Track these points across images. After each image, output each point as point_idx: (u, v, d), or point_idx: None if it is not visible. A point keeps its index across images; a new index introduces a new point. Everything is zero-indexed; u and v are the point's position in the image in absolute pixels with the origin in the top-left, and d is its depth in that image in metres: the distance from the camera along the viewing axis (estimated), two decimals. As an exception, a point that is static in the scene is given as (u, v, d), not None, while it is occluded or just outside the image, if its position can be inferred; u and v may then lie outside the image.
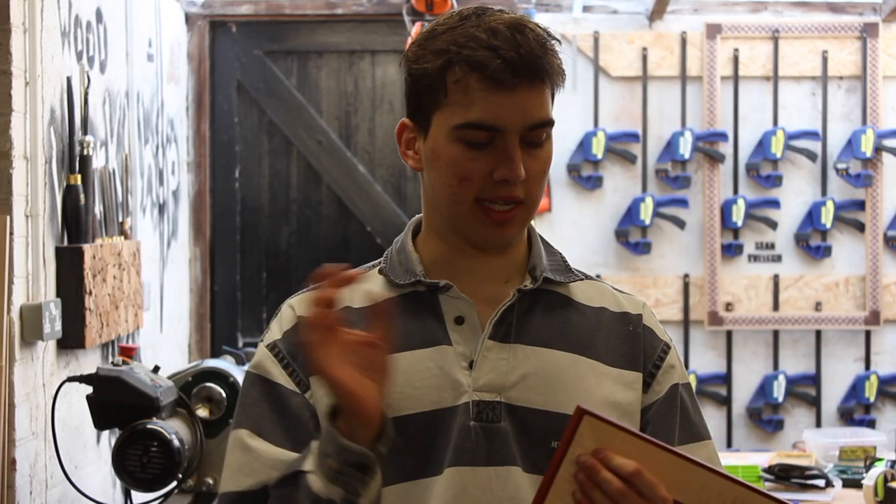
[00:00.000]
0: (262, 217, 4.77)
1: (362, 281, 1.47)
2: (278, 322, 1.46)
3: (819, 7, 4.67)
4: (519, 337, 1.42)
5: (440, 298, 1.43)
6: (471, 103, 1.36)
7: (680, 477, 1.22)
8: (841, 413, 4.60)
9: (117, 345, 3.27)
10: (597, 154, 4.56)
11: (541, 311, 1.44)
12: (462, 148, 1.37)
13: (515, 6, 4.63)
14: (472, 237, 1.42)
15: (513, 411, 1.38)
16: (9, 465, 2.63)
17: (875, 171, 4.56)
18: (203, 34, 4.68)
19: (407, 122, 1.45)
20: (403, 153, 1.46)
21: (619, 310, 1.49)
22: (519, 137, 1.37)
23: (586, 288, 1.49)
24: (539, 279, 1.45)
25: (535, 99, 1.37)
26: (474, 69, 1.35)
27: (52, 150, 2.93)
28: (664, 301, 4.60)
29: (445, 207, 1.42)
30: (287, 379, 1.41)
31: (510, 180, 1.36)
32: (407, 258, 1.46)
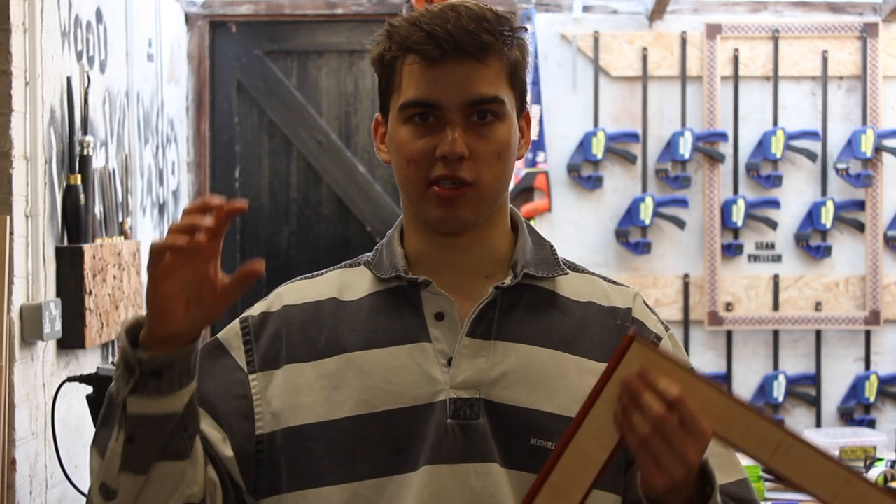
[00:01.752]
0: (262, 217, 4.77)
1: (353, 275, 1.48)
2: (264, 302, 1.48)
3: (819, 7, 4.67)
4: (500, 334, 1.41)
5: (422, 294, 1.42)
6: (408, 82, 1.38)
7: (724, 414, 1.22)
8: (841, 413, 4.60)
9: (117, 345, 3.27)
10: (597, 154, 4.56)
11: (523, 307, 1.43)
12: (408, 129, 1.39)
13: (516, 6, 4.63)
14: (427, 220, 1.42)
15: (492, 408, 1.38)
16: (9, 465, 2.63)
17: (875, 171, 4.56)
18: (203, 34, 4.68)
19: (379, 117, 1.47)
20: (378, 148, 1.48)
21: (607, 304, 1.47)
22: (461, 115, 1.37)
23: (574, 282, 1.48)
24: (519, 275, 1.43)
25: (472, 75, 1.37)
26: (409, 50, 1.37)
27: (52, 150, 2.93)
28: (664, 301, 4.60)
29: (404, 194, 1.43)
30: (241, 355, 1.43)
31: (448, 157, 1.36)
32: (392, 253, 1.46)
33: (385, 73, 1.41)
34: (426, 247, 1.45)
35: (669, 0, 4.49)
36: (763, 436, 1.22)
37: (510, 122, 1.41)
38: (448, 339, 1.40)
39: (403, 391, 1.38)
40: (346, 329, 1.42)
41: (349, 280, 1.47)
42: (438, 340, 1.40)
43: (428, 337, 1.40)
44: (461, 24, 1.35)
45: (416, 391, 1.38)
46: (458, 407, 1.37)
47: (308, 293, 1.47)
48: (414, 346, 1.40)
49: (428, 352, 1.39)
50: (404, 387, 1.38)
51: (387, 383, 1.38)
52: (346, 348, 1.41)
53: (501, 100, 1.39)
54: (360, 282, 1.47)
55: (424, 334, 1.40)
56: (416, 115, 1.38)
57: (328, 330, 1.42)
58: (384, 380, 1.38)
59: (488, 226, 1.45)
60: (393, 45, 1.40)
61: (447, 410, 1.37)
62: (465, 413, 1.37)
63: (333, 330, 1.42)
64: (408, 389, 1.38)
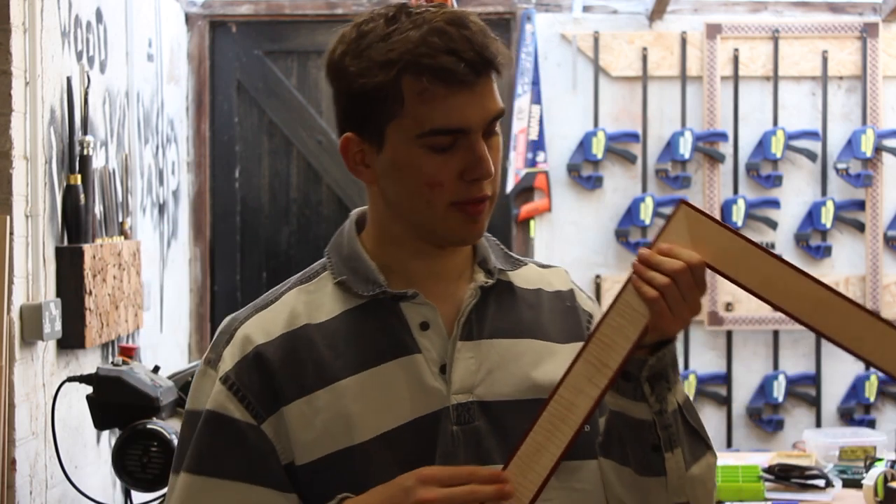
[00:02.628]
0: (262, 217, 4.77)
1: (314, 293, 1.43)
2: (231, 351, 1.39)
3: (819, 7, 4.67)
4: (480, 333, 1.41)
5: (402, 306, 1.40)
6: (433, 109, 1.32)
7: (765, 272, 1.30)
8: (841, 413, 4.60)
9: (117, 345, 3.27)
10: (597, 154, 4.56)
11: (493, 303, 1.44)
12: (427, 154, 1.34)
13: (515, 6, 4.63)
14: (448, 238, 1.40)
15: (486, 408, 1.38)
16: (9, 465, 2.63)
17: (875, 171, 4.56)
18: (203, 34, 4.68)
19: (352, 137, 1.39)
20: (353, 168, 1.40)
21: (551, 289, 1.51)
22: (481, 132, 1.35)
23: (522, 273, 1.50)
24: (494, 272, 1.45)
25: (490, 92, 1.35)
26: (434, 75, 1.31)
27: (52, 150, 2.93)
28: (664, 301, 4.59)
29: (416, 215, 1.38)
30: (244, 412, 1.36)
31: (482, 178, 1.35)
32: (364, 267, 1.42)
33: (385, 96, 1.33)
34: (406, 258, 1.42)
35: (669, 0, 4.49)
36: (802, 292, 1.29)
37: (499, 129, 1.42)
38: (437, 346, 1.39)
39: (405, 406, 1.36)
40: (331, 355, 1.38)
41: (312, 299, 1.43)
42: (428, 349, 1.39)
43: (417, 347, 1.39)
44: (483, 43, 1.33)
45: (418, 404, 1.37)
46: (460, 413, 1.37)
47: (276, 326, 1.40)
48: (405, 360, 1.38)
49: (420, 362, 1.38)
50: (405, 402, 1.36)
51: (388, 401, 1.36)
52: (335, 376, 1.36)
53: (504, 109, 1.40)
54: (324, 300, 1.42)
55: (413, 345, 1.39)
56: (441, 141, 1.33)
57: (312, 361, 1.37)
58: (384, 398, 1.36)
59: None
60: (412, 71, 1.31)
61: (451, 417, 1.37)
62: (465, 418, 1.37)
63: (318, 360, 1.37)
64: (409, 404, 1.36)
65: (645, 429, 1.37)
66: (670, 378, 1.36)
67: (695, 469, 1.40)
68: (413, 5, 1.38)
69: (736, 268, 1.31)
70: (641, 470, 1.39)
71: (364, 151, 1.39)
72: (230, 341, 1.40)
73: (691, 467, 1.39)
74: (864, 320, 1.27)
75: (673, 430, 1.37)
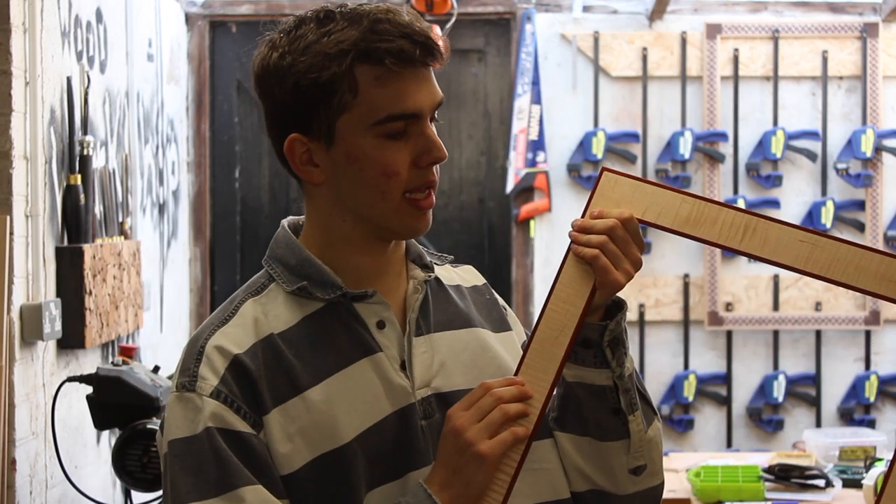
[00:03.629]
0: (262, 217, 4.77)
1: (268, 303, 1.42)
2: (208, 366, 1.35)
3: (819, 7, 4.67)
4: (428, 327, 1.44)
5: (357, 306, 1.40)
6: (389, 95, 1.33)
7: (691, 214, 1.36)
8: (841, 413, 4.60)
9: (117, 345, 3.27)
10: (597, 154, 4.56)
11: (431, 297, 1.47)
12: (383, 142, 1.34)
13: (515, 6, 4.63)
14: (400, 231, 1.41)
15: (444, 400, 1.40)
16: (9, 465, 2.63)
17: (875, 171, 4.56)
18: (203, 34, 4.69)
19: (297, 137, 1.37)
20: (300, 169, 1.39)
21: (469, 284, 1.55)
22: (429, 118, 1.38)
23: (441, 271, 1.53)
24: (431, 267, 1.48)
25: (432, 78, 1.38)
26: (397, 57, 1.32)
27: (52, 150, 2.93)
28: (664, 301, 4.60)
29: (370, 208, 1.38)
30: (244, 423, 1.33)
31: (437, 162, 1.37)
32: (318, 272, 1.40)
33: (335, 89, 1.33)
34: (355, 255, 1.42)
35: (669, 0, 4.49)
36: (730, 224, 1.35)
37: None
38: (395, 343, 1.41)
39: (375, 405, 1.37)
40: (299, 363, 1.37)
41: (269, 310, 1.41)
42: (388, 347, 1.40)
43: (378, 346, 1.39)
44: (425, 30, 1.35)
45: (386, 401, 1.37)
46: (425, 408, 1.39)
47: (244, 336, 1.38)
48: (368, 360, 1.38)
49: (382, 360, 1.39)
50: (374, 401, 1.37)
51: (358, 402, 1.37)
52: (305, 385, 1.36)
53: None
54: (279, 310, 1.41)
55: (374, 344, 1.39)
56: (395, 127, 1.34)
57: (283, 370, 1.36)
58: (354, 400, 1.36)
59: None
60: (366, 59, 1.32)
61: (419, 412, 1.38)
62: (428, 412, 1.39)
63: (288, 369, 1.36)
64: (378, 402, 1.37)
65: (606, 394, 1.41)
66: (625, 343, 1.42)
67: (651, 432, 1.45)
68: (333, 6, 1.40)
69: (662, 215, 1.37)
70: (603, 435, 1.43)
71: (311, 150, 1.38)
72: (201, 359, 1.37)
73: (648, 430, 1.44)
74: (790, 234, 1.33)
75: (632, 394, 1.42)
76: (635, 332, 4.59)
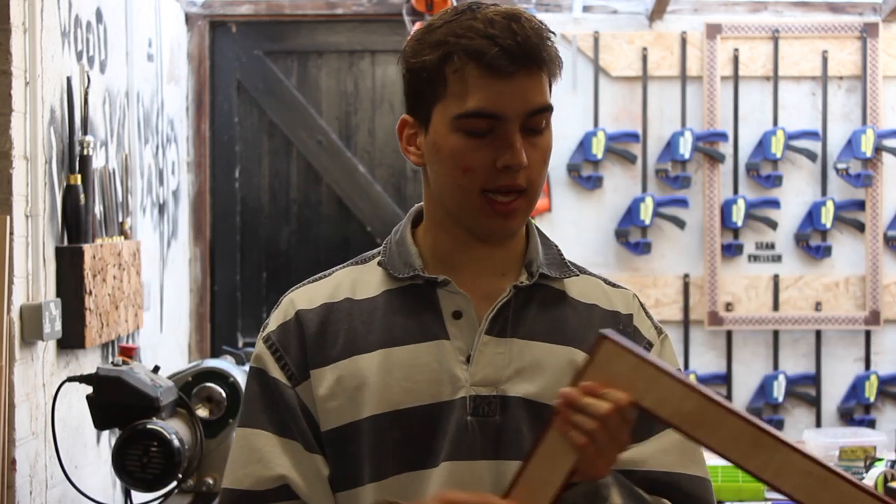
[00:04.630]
0: (262, 217, 4.77)
1: (363, 272, 1.49)
2: (276, 314, 1.49)
3: (819, 7, 4.67)
4: (515, 331, 1.43)
5: (438, 293, 1.44)
6: (469, 93, 1.37)
7: (690, 408, 1.22)
8: (841, 413, 4.60)
9: (117, 345, 3.27)
10: (597, 154, 4.56)
11: (536, 306, 1.46)
12: (463, 138, 1.38)
13: (516, 6, 4.63)
14: (476, 229, 1.43)
15: (509, 404, 1.40)
16: (9, 465, 2.63)
17: (875, 171, 4.56)
18: (203, 34, 4.68)
19: (408, 118, 1.46)
20: (405, 149, 1.47)
21: (610, 308, 1.51)
22: (519, 125, 1.38)
23: (580, 283, 1.51)
24: (535, 275, 1.47)
25: (534, 86, 1.38)
26: (472, 58, 1.36)
27: (52, 150, 2.93)
28: (664, 301, 4.60)
29: (450, 200, 1.42)
30: (280, 372, 1.44)
31: (513, 167, 1.38)
32: (406, 251, 1.47)
33: (433, 76, 1.39)
34: (450, 246, 1.46)
35: (669, 0, 4.49)
36: (737, 435, 1.21)
37: (551, 130, 1.44)
38: (466, 336, 1.42)
39: (424, 389, 1.40)
40: (363, 329, 1.43)
41: (360, 277, 1.49)
42: (457, 338, 1.42)
43: (446, 335, 1.42)
44: (528, 37, 1.37)
45: (437, 388, 1.40)
46: (478, 404, 1.39)
47: (319, 295, 1.48)
48: (433, 344, 1.41)
49: (447, 349, 1.41)
50: (425, 384, 1.40)
51: (407, 381, 1.40)
52: (363, 349, 1.42)
53: (552, 107, 1.42)
54: (371, 279, 1.48)
55: (443, 332, 1.42)
56: (476, 125, 1.37)
57: (344, 332, 1.44)
58: (405, 378, 1.39)
59: None
60: (455, 54, 1.37)
61: (467, 407, 1.39)
62: (484, 410, 1.39)
63: (350, 331, 1.44)
64: (428, 387, 1.40)
65: None
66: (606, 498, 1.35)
67: None
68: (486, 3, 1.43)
69: (661, 405, 1.23)
70: None
71: (416, 133, 1.45)
72: (277, 307, 1.50)
73: None
74: (801, 464, 1.20)
75: None
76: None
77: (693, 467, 1.45)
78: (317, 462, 1.42)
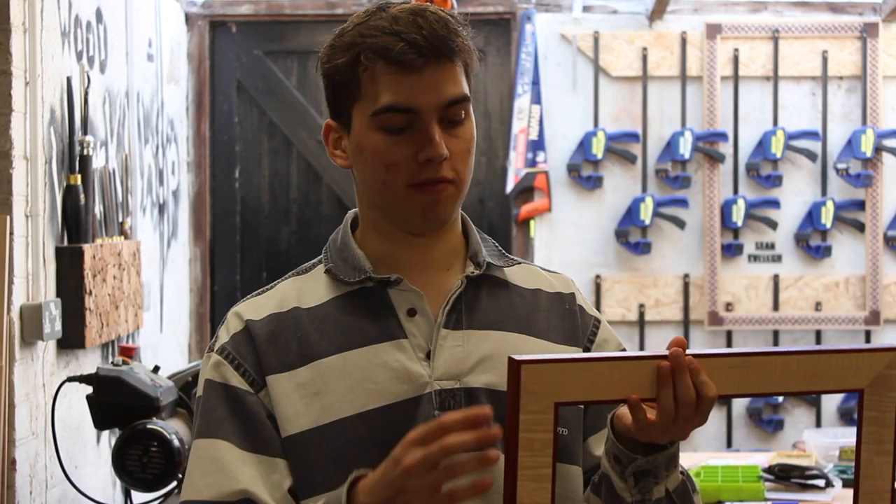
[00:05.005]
0: (262, 217, 4.77)
1: (307, 282, 1.49)
2: (225, 328, 1.47)
3: (819, 7, 4.67)
4: (470, 323, 1.44)
5: (389, 292, 1.44)
6: (381, 90, 1.38)
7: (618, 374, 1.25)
8: (841, 413, 4.60)
9: (117, 345, 3.27)
10: (597, 154, 4.56)
11: (485, 295, 1.47)
12: (383, 136, 1.40)
13: (515, 6, 4.63)
14: (409, 222, 1.44)
15: (473, 396, 1.40)
16: (9, 465, 2.63)
17: (875, 171, 4.56)
18: (203, 34, 4.68)
19: (331, 123, 1.47)
20: (332, 153, 1.48)
21: (552, 290, 1.53)
22: (437, 118, 1.39)
23: (520, 271, 1.53)
24: (483, 265, 1.48)
25: (446, 77, 1.39)
26: (380, 56, 1.37)
27: (52, 150, 2.93)
28: (664, 301, 4.60)
29: (379, 198, 1.43)
30: (240, 380, 1.42)
31: (433, 159, 1.38)
32: (352, 255, 1.47)
33: (347, 79, 1.41)
34: (389, 245, 1.47)
35: (669, 0, 4.49)
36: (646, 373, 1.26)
37: (472, 119, 1.45)
38: (423, 333, 1.42)
39: (387, 388, 1.39)
40: (316, 336, 1.42)
41: (304, 287, 1.48)
42: (414, 335, 1.42)
43: (403, 333, 1.42)
44: (434, 30, 1.38)
45: (400, 387, 1.39)
46: (444, 398, 1.40)
47: (266, 307, 1.46)
48: (391, 344, 1.41)
49: (406, 347, 1.41)
50: (387, 384, 1.39)
51: (370, 383, 1.39)
52: (319, 354, 1.41)
53: (469, 97, 1.43)
54: (316, 288, 1.47)
55: (399, 331, 1.42)
56: (393, 122, 1.39)
57: (297, 339, 1.43)
58: (366, 379, 1.39)
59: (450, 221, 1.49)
60: (362, 50, 1.39)
61: (434, 403, 1.39)
62: (450, 404, 1.40)
63: (303, 339, 1.42)
64: (391, 386, 1.39)
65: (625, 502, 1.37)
66: (660, 474, 1.35)
67: None
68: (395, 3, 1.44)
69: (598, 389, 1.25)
70: None
71: (340, 137, 1.46)
72: (223, 323, 1.49)
73: None
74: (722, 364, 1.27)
75: None
76: (635, 332, 4.59)
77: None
78: (280, 472, 1.40)
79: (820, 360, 1.28)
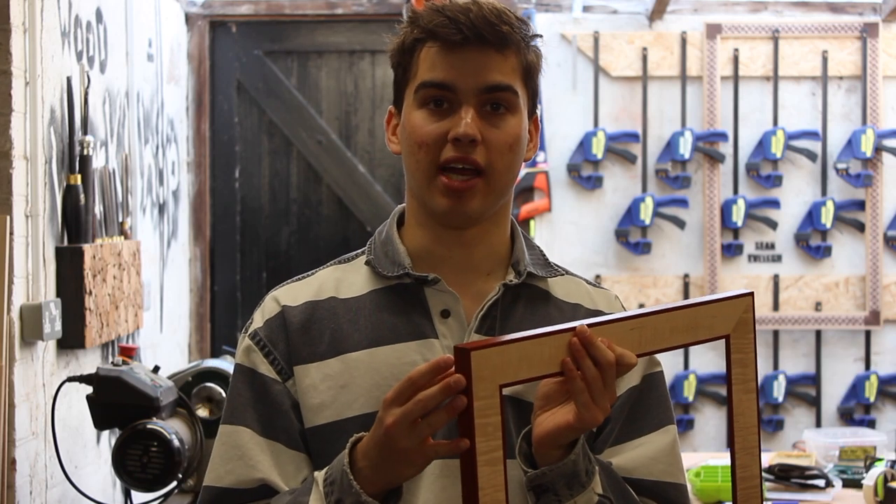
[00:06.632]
0: (262, 217, 4.77)
1: (347, 272, 1.49)
2: (261, 312, 1.48)
3: (819, 7, 4.67)
4: (503, 330, 1.43)
5: (426, 291, 1.44)
6: (425, 66, 1.41)
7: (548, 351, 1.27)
8: (841, 413, 4.60)
9: (117, 345, 3.27)
10: (597, 154, 4.56)
11: (523, 305, 1.46)
12: (422, 114, 1.41)
13: (516, 6, 4.63)
14: (434, 209, 1.42)
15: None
16: (9, 465, 2.63)
17: (875, 171, 4.56)
18: (203, 34, 4.68)
19: (392, 109, 1.49)
20: (388, 140, 1.50)
21: (592, 307, 1.51)
22: (475, 101, 1.39)
23: (563, 283, 1.52)
24: (523, 274, 1.47)
25: (489, 62, 1.39)
26: (430, 36, 1.40)
27: (52, 150, 2.93)
28: (664, 301, 4.59)
29: (413, 180, 1.44)
30: (269, 367, 1.43)
31: (461, 139, 1.37)
32: (394, 250, 1.46)
33: (403, 60, 1.44)
34: (429, 242, 1.46)
35: (669, 0, 4.49)
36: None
37: (521, 118, 1.43)
38: (454, 335, 1.42)
39: None
40: (349, 328, 1.43)
41: (344, 277, 1.48)
42: (445, 337, 1.42)
43: (435, 333, 1.42)
44: (482, 15, 1.39)
45: None
46: None
47: (303, 294, 1.47)
48: (421, 343, 1.41)
49: (436, 348, 1.41)
50: None
51: (396, 380, 1.37)
52: (350, 347, 1.42)
53: (515, 90, 1.41)
54: (356, 279, 1.47)
55: (431, 331, 1.42)
56: (430, 98, 1.40)
57: (330, 330, 1.43)
58: (393, 377, 1.38)
59: (492, 223, 1.47)
60: (415, 30, 1.42)
61: None
62: None
63: (336, 330, 1.43)
64: None
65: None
66: (561, 493, 1.33)
67: None
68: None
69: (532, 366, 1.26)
70: None
71: (397, 123, 1.48)
72: (261, 305, 1.49)
73: None
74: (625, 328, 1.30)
75: None
76: (635, 332, 4.58)
77: (679, 476, 1.48)
78: (299, 463, 1.41)
79: (698, 311, 1.34)
